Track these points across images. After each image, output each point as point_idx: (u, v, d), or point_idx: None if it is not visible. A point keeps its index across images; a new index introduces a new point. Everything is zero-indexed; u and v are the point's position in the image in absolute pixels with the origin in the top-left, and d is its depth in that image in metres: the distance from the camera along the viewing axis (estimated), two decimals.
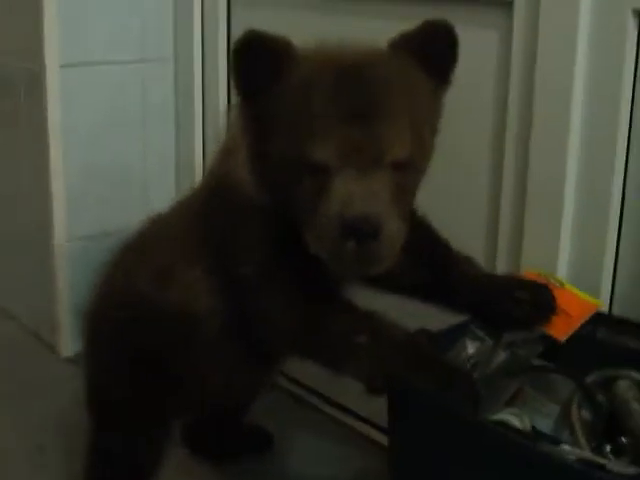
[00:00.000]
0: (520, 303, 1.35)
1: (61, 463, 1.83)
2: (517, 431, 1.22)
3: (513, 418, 1.27)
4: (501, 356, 1.34)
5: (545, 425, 1.31)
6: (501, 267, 1.61)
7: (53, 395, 2.12)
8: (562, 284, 1.43)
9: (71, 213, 2.24)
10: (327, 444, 1.94)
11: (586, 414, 1.30)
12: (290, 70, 1.22)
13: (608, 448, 1.24)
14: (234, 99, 1.31)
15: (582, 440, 1.24)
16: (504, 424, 1.24)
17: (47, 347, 2.36)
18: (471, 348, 1.34)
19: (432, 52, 1.25)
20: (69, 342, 2.29)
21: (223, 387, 1.47)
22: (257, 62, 1.22)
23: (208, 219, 1.38)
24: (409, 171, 1.23)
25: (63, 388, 2.13)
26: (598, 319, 1.40)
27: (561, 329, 1.36)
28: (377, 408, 1.81)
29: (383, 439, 1.85)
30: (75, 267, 2.22)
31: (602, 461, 1.10)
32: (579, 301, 1.41)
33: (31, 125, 2.26)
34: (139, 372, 1.45)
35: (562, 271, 1.51)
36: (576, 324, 1.37)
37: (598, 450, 1.23)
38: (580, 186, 1.48)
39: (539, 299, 1.35)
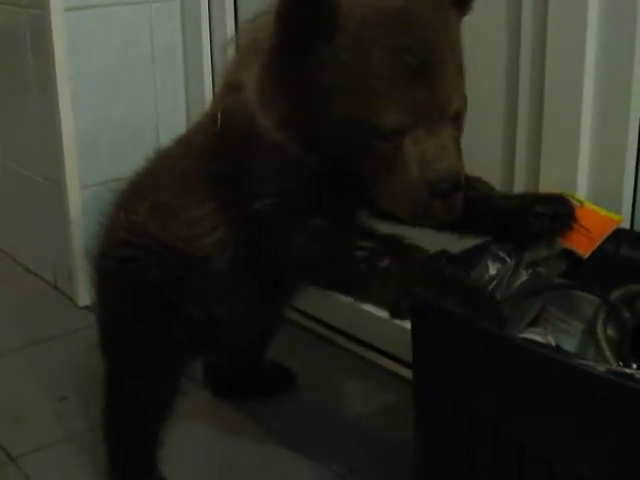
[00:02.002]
0: (539, 217, 1.33)
1: (83, 410, 1.84)
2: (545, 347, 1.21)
3: (537, 338, 1.26)
4: (523, 276, 1.32)
5: (570, 344, 1.30)
6: (519, 190, 1.58)
7: (72, 344, 2.12)
8: (582, 203, 1.40)
9: (83, 161, 2.23)
10: (350, 380, 1.93)
11: (612, 332, 1.28)
12: (340, 26, 1.17)
13: (635, 366, 1.22)
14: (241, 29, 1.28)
15: (608, 356, 1.23)
16: None
17: (65, 297, 2.37)
18: (492, 269, 1.33)
19: None
20: (85, 291, 2.28)
21: (233, 321, 1.46)
22: (307, 19, 1.17)
23: (217, 154, 1.36)
24: (462, 117, 1.23)
25: (82, 336, 2.14)
26: (620, 236, 1.38)
27: (583, 245, 1.34)
28: (400, 342, 1.82)
29: (406, 373, 1.85)
30: (89, 215, 2.20)
31: (630, 371, 1.08)
32: (600, 218, 1.39)
33: (39, 72, 2.24)
34: (146, 311, 1.43)
35: (582, 190, 1.48)
36: (598, 239, 1.35)
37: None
38: (598, 102, 1.45)
39: (558, 210, 1.34)
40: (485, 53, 1.60)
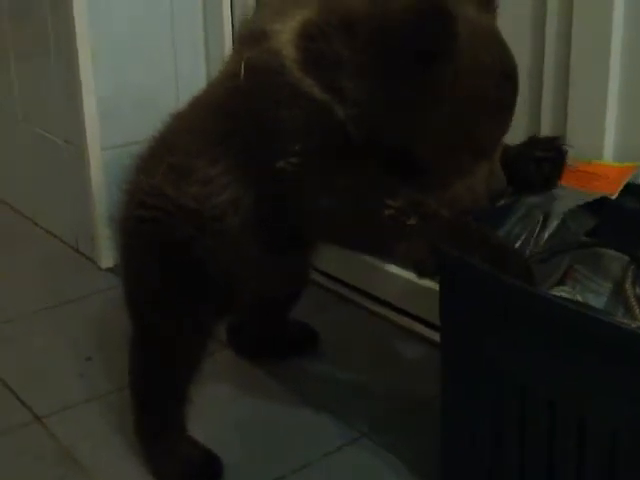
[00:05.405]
0: (540, 161, 1.38)
1: (108, 370, 1.84)
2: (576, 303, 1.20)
3: (566, 296, 1.26)
4: (551, 232, 1.32)
5: (598, 303, 1.29)
6: None
7: (95, 306, 2.13)
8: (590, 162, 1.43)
9: (103, 122, 2.22)
10: (372, 340, 1.94)
11: None
12: (458, 46, 1.18)
13: None
14: None
15: (638, 314, 1.23)
16: None
17: (87, 259, 2.38)
18: (520, 226, 1.33)
19: None
20: (108, 253, 2.29)
21: (251, 279, 1.47)
22: (428, 36, 1.17)
23: (236, 109, 1.33)
24: None
25: (104, 298, 2.15)
26: None
27: (608, 188, 1.35)
28: (423, 303, 1.83)
29: (429, 333, 1.86)
30: (110, 177, 2.21)
31: None
32: (615, 168, 1.41)
33: (59, 35, 2.24)
34: (168, 270, 1.43)
35: (608, 154, 1.47)
36: (621, 181, 1.36)
37: None
38: (625, 64, 1.44)
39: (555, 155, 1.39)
40: (509, 18, 1.58)
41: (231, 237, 1.38)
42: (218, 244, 1.39)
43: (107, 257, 2.30)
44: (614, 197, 1.35)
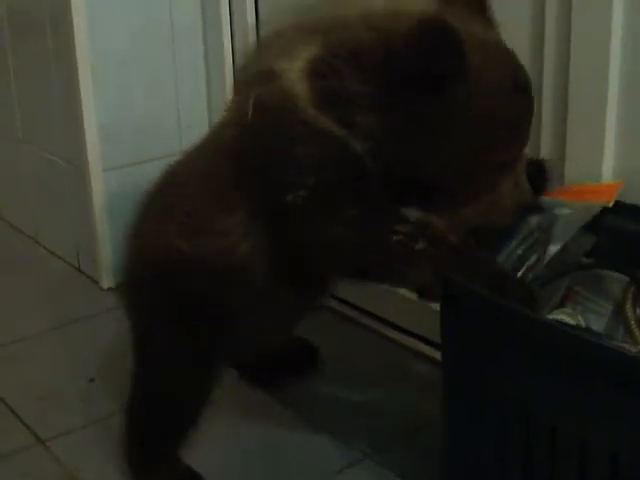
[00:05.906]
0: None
1: (111, 392, 1.84)
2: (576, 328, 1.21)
3: (567, 319, 1.26)
4: (552, 253, 1.32)
5: (599, 325, 1.29)
6: None
7: (98, 326, 2.14)
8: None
9: (105, 144, 2.22)
10: (375, 360, 1.94)
11: None
12: (469, 67, 1.15)
13: None
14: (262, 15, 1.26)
15: (638, 336, 1.23)
16: None
17: (89, 279, 2.38)
18: (521, 248, 1.33)
19: None
20: (110, 273, 2.30)
21: (269, 324, 1.46)
22: (436, 57, 1.13)
23: (246, 148, 1.31)
24: None
25: (107, 318, 2.16)
26: None
27: (603, 198, 1.36)
28: (426, 322, 1.83)
29: (431, 352, 1.86)
30: (112, 197, 2.23)
31: None
32: (602, 186, 1.42)
33: (59, 56, 2.25)
34: (183, 325, 1.41)
35: (607, 176, 1.47)
36: (614, 193, 1.37)
37: None
38: (623, 87, 1.44)
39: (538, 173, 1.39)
40: (508, 32, 1.59)
41: (253, 288, 1.36)
42: (240, 296, 1.38)
43: (109, 277, 2.31)
44: (611, 204, 1.35)
